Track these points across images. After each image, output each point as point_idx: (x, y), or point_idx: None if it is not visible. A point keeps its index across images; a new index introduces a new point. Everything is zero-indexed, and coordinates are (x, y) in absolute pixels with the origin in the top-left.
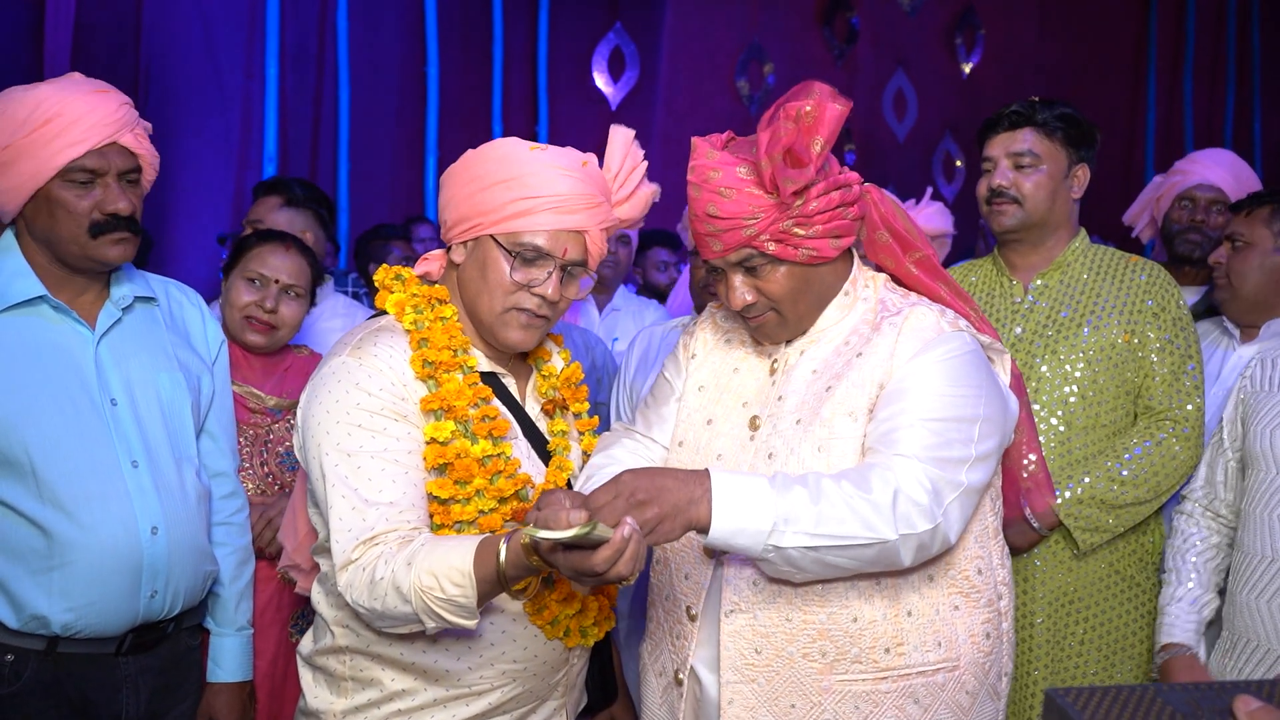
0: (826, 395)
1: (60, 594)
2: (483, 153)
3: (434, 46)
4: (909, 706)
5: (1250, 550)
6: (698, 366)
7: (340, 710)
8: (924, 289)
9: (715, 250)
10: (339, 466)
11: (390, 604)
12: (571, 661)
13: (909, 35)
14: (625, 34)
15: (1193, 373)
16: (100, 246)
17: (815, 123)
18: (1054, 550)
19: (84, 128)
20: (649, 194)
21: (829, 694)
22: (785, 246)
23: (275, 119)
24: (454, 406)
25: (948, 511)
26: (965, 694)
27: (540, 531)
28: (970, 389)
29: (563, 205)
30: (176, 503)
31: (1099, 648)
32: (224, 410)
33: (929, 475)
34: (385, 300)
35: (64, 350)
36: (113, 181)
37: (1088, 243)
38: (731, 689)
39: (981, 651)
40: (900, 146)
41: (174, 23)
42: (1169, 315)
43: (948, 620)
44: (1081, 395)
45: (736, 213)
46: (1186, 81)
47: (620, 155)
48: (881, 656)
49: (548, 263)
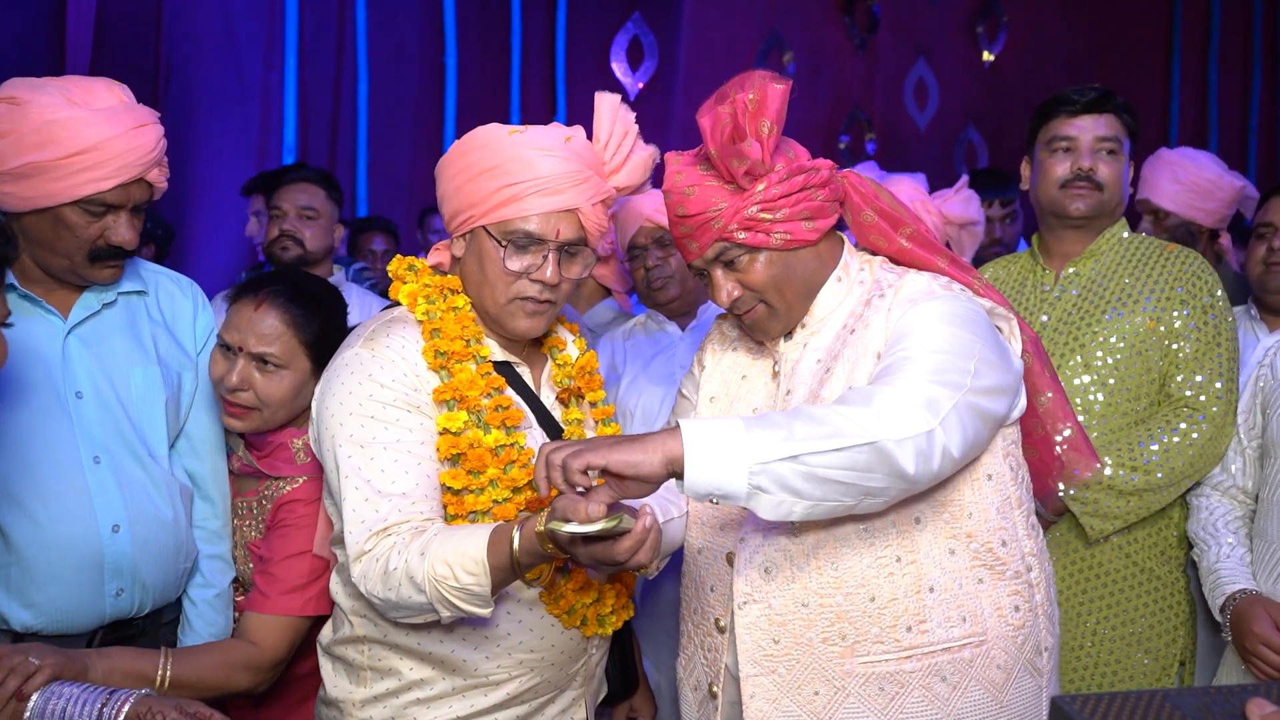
0: (827, 377)
1: (17, 592)
2: (465, 143)
3: (452, 37)
4: (936, 685)
5: (1270, 538)
6: (708, 378)
7: (359, 699)
8: (922, 263)
9: (693, 251)
10: (352, 458)
11: (405, 594)
12: (590, 651)
13: (930, 23)
14: (644, 23)
15: (1220, 361)
16: (93, 270)
17: (759, 107)
18: (1067, 539)
19: (117, 166)
20: (645, 157)
21: (852, 677)
22: (756, 234)
23: (295, 110)
24: (466, 397)
25: (945, 420)
26: (997, 669)
27: (566, 526)
28: (967, 333)
29: (548, 186)
30: (142, 500)
31: (1112, 640)
32: (205, 409)
33: (921, 388)
34: (398, 291)
35: (29, 340)
36: (125, 214)
37: (1125, 232)
38: (753, 683)
39: (1011, 625)
40: (921, 136)
41: (195, 14)
42: (1198, 303)
43: (971, 594)
44: (1104, 382)
45: (702, 207)
46: (1212, 69)
47: (608, 123)
48: (904, 635)
49: (542, 247)
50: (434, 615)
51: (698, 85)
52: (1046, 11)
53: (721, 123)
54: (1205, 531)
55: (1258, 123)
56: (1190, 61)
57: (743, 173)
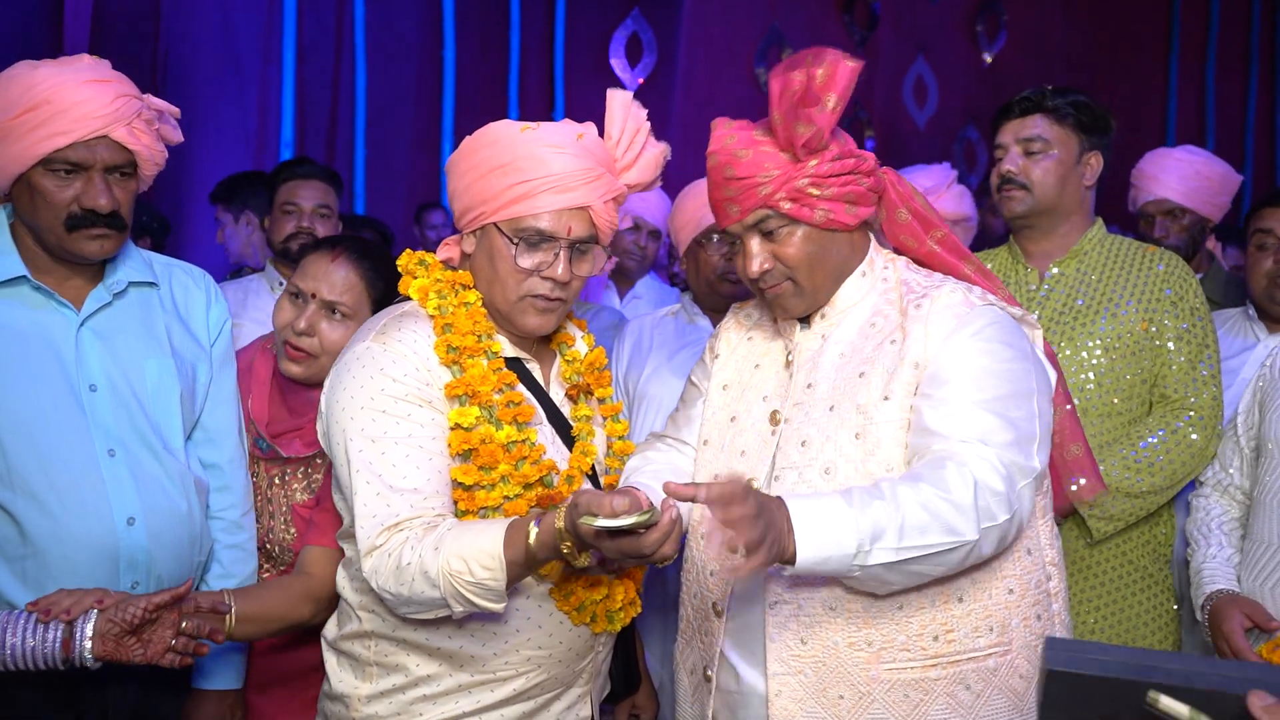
0: (860, 382)
1: (34, 584)
2: (477, 139)
3: (451, 32)
4: (960, 693)
5: (1259, 538)
6: (721, 366)
7: (365, 695)
8: (949, 268)
9: (733, 215)
10: (363, 452)
11: (418, 589)
12: (597, 649)
13: (930, 21)
14: (643, 20)
15: (1210, 362)
16: (76, 241)
17: (828, 80)
18: (1067, 540)
19: (72, 119)
20: (656, 154)
21: (877, 683)
22: (801, 207)
23: (293, 105)
24: (478, 392)
25: (1021, 496)
26: (1019, 678)
27: (600, 520)
28: (1015, 363)
29: (560, 184)
30: (157, 493)
31: (1111, 639)
32: (221, 400)
33: (1002, 461)
34: (409, 286)
35: (43, 333)
36: (96, 176)
37: (1105, 232)
38: (779, 681)
39: (1034, 634)
40: (921, 134)
41: (193, 8)
42: (1186, 304)
43: (1001, 604)
44: (1098, 383)
45: (753, 170)
46: (1210, 70)
47: (620, 120)
48: (930, 644)
49: (554, 244)
50: (446, 611)
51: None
52: (1046, 11)
53: (791, 88)
54: (1199, 532)
55: (1254, 122)
56: (1188, 62)
57: (803, 142)
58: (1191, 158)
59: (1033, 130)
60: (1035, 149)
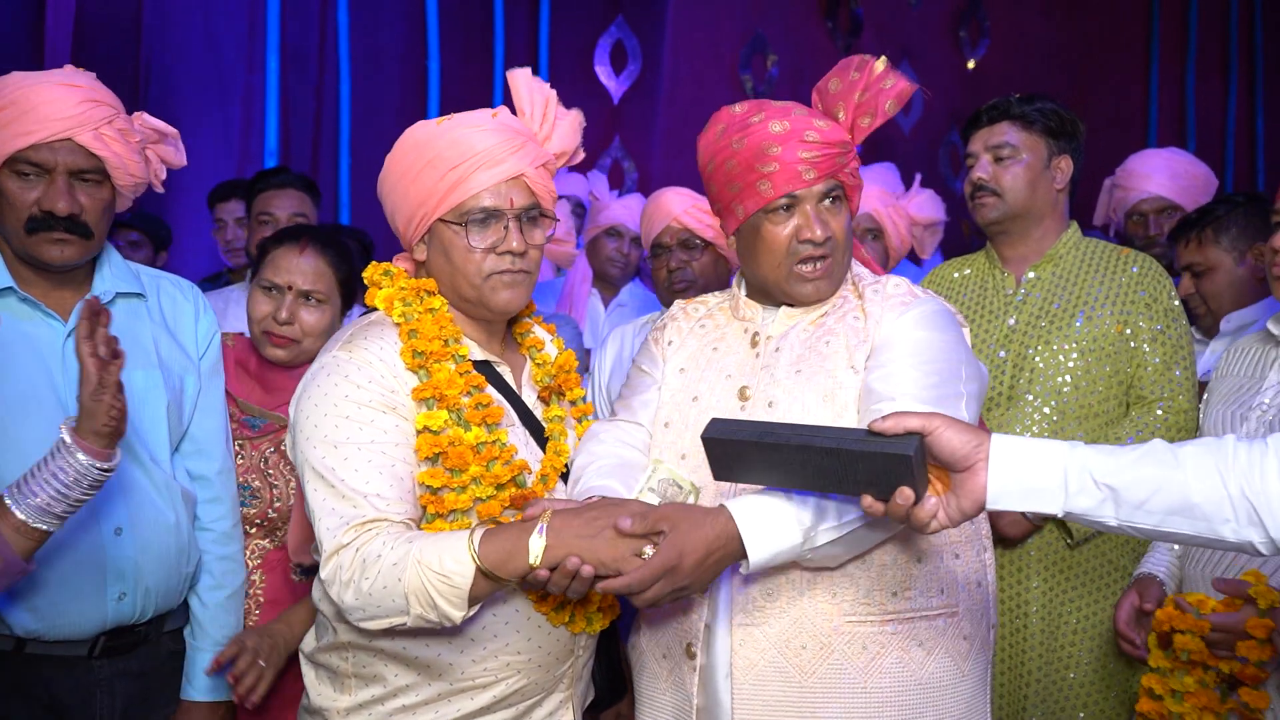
0: (827, 349)
1: (19, 595)
2: (398, 148)
3: (435, 40)
4: (913, 649)
5: None
6: (675, 351)
7: (344, 707)
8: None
9: (808, 179)
10: (326, 458)
11: (381, 583)
12: (577, 653)
13: (913, 27)
14: (627, 27)
15: (1184, 364)
16: (36, 244)
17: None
18: (1048, 541)
19: (35, 119)
20: (571, 120)
21: (838, 635)
22: (852, 188)
23: (276, 113)
24: (446, 395)
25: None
26: (963, 639)
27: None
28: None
29: (489, 158)
30: (144, 504)
31: (1093, 638)
32: (209, 411)
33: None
34: (375, 297)
35: (30, 344)
36: (60, 179)
37: (1079, 235)
38: (743, 632)
39: (975, 600)
40: (905, 138)
41: (175, 17)
42: (1161, 306)
43: (950, 567)
44: (1075, 385)
45: (836, 138)
46: (1190, 74)
47: (526, 95)
48: (889, 600)
49: (501, 218)
50: (403, 619)
51: (681, 89)
52: (1028, 15)
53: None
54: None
55: (1234, 127)
56: (1168, 66)
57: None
58: (1177, 156)
59: (1001, 137)
60: (1004, 155)
